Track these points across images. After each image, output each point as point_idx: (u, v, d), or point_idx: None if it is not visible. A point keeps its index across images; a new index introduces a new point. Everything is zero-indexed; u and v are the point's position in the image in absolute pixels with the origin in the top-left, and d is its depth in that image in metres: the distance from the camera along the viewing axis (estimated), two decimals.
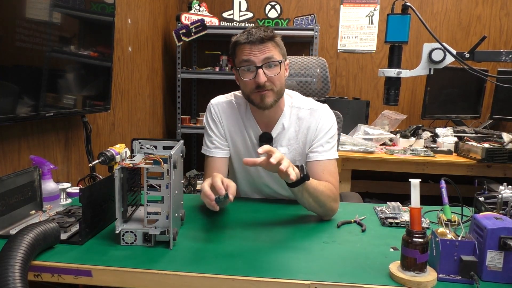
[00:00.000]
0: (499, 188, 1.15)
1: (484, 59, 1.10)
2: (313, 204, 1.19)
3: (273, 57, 1.24)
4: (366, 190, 3.14)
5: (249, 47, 1.23)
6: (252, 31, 1.24)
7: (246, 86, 1.28)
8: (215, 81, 3.24)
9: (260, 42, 1.22)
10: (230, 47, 1.30)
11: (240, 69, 1.26)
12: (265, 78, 1.22)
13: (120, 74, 2.24)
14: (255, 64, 1.23)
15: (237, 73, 1.29)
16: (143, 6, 2.57)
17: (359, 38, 3.23)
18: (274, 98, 1.26)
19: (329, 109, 1.39)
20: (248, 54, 1.23)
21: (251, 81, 1.24)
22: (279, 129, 1.35)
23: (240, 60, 1.25)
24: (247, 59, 1.23)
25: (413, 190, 0.86)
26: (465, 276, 0.84)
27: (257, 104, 1.27)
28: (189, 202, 1.36)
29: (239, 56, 1.26)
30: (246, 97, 1.31)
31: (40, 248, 0.91)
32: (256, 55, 1.22)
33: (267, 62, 1.23)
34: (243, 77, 1.26)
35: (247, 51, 1.23)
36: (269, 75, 1.23)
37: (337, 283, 0.85)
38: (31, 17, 1.30)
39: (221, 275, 0.87)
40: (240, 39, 1.24)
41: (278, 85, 1.26)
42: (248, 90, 1.27)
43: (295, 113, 1.36)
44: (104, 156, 1.27)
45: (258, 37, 1.22)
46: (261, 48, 1.22)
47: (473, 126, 2.90)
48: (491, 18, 3.12)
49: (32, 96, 1.36)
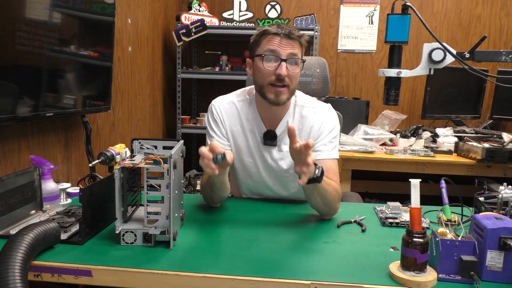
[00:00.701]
0: (499, 188, 1.15)
1: (484, 59, 1.10)
2: (320, 203, 1.19)
3: (298, 55, 1.25)
4: (366, 190, 3.14)
5: (279, 38, 1.23)
6: (282, 25, 1.25)
7: (264, 76, 1.26)
8: (215, 81, 3.24)
9: (290, 37, 1.23)
10: (254, 36, 1.29)
11: (265, 57, 1.24)
12: (287, 72, 1.23)
13: (120, 74, 2.24)
14: (281, 55, 1.23)
15: (257, 61, 1.27)
16: (143, 6, 2.57)
17: (359, 38, 3.23)
18: (287, 95, 1.27)
19: (333, 109, 1.40)
20: (277, 45, 1.23)
21: (271, 71, 1.23)
22: (284, 127, 1.35)
23: (265, 49, 1.24)
24: (274, 50, 1.23)
25: (413, 190, 0.86)
26: (465, 276, 0.84)
27: (270, 98, 1.26)
28: (189, 202, 1.36)
29: (264, 45, 1.25)
30: (260, 88, 1.29)
31: (40, 248, 0.91)
32: (284, 47, 1.23)
33: (292, 58, 1.24)
34: (264, 65, 1.24)
35: (276, 42, 1.23)
36: (290, 71, 1.24)
37: (337, 283, 0.85)
38: (31, 17, 1.30)
39: (221, 275, 0.87)
40: (271, 29, 1.25)
41: (294, 83, 1.27)
42: (265, 81, 1.26)
43: (299, 111, 1.36)
44: (104, 156, 1.27)
45: (289, 32, 1.23)
46: (289, 43, 1.23)
47: (473, 126, 2.90)
48: (491, 18, 3.12)
49: (32, 96, 1.36)
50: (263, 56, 1.24)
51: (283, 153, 1.36)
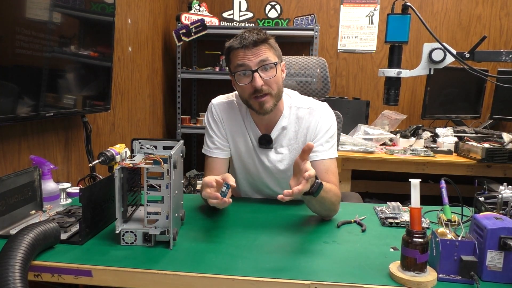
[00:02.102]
0: (499, 188, 1.15)
1: (484, 59, 1.10)
2: (319, 209, 1.19)
3: (268, 59, 1.22)
4: (366, 190, 3.14)
5: (243, 51, 1.21)
6: (244, 35, 1.22)
7: (243, 92, 1.26)
8: (215, 81, 3.24)
9: (254, 45, 1.20)
10: (224, 53, 1.29)
11: (236, 74, 1.24)
12: (262, 82, 1.21)
13: (120, 74, 2.24)
14: (250, 68, 1.21)
15: (233, 79, 1.28)
16: (143, 6, 2.57)
17: (359, 38, 3.23)
18: (273, 102, 1.25)
19: (329, 108, 1.38)
20: (242, 59, 1.21)
21: (248, 85, 1.23)
22: (279, 130, 1.35)
23: (235, 65, 1.23)
24: (242, 64, 1.21)
25: (413, 190, 0.86)
26: (465, 276, 0.84)
27: (257, 110, 1.26)
28: (189, 202, 1.36)
29: (233, 61, 1.24)
30: (245, 103, 1.30)
31: (40, 248, 0.91)
32: (250, 59, 1.21)
33: (262, 65, 1.21)
34: (239, 82, 1.24)
35: (241, 55, 1.21)
36: (265, 78, 1.22)
37: (337, 283, 0.85)
38: (31, 17, 1.30)
39: (221, 275, 0.87)
40: (233, 44, 1.23)
41: (275, 87, 1.25)
42: (246, 95, 1.26)
43: (294, 112, 1.35)
44: (104, 156, 1.27)
45: (251, 41, 1.20)
46: (255, 52, 1.20)
47: (473, 126, 2.90)
48: (491, 18, 3.12)
49: (32, 96, 1.36)
50: (234, 74, 1.25)
51: (282, 155, 1.36)
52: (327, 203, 1.17)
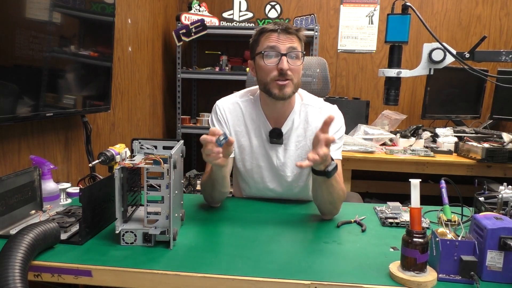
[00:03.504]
0: (499, 188, 1.15)
1: (484, 59, 1.10)
2: (326, 198, 1.19)
3: (297, 48, 1.25)
4: (366, 190, 3.14)
5: (277, 34, 1.25)
6: (278, 22, 1.27)
7: (266, 73, 1.26)
8: (215, 81, 3.23)
9: (287, 32, 1.25)
10: (254, 34, 1.31)
11: (265, 54, 1.25)
12: (288, 66, 1.23)
13: (120, 74, 2.24)
14: (280, 50, 1.24)
15: (258, 60, 1.28)
16: (143, 6, 2.57)
17: (359, 38, 3.23)
18: (292, 89, 1.27)
19: (339, 110, 1.40)
20: (275, 41, 1.24)
21: (273, 67, 1.24)
22: (289, 125, 1.35)
23: (265, 46, 1.26)
24: (273, 45, 1.24)
25: (413, 190, 0.86)
26: (465, 276, 0.84)
27: (275, 93, 1.26)
28: (189, 202, 1.36)
29: (263, 43, 1.27)
30: (264, 86, 1.29)
31: (40, 248, 0.91)
32: (282, 42, 1.24)
33: (291, 51, 1.24)
34: (266, 62, 1.25)
35: (274, 38, 1.25)
36: (291, 65, 1.24)
37: (337, 283, 0.85)
38: (31, 17, 1.30)
39: (221, 275, 0.87)
40: (267, 26, 1.26)
41: (297, 77, 1.27)
42: (268, 77, 1.26)
43: (305, 110, 1.37)
44: (104, 156, 1.27)
45: (286, 27, 1.25)
46: (287, 37, 1.25)
47: (473, 126, 2.90)
48: (491, 18, 3.12)
49: (32, 96, 1.36)
50: (263, 53, 1.25)
51: (289, 152, 1.36)
52: (334, 194, 1.18)
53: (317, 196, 1.22)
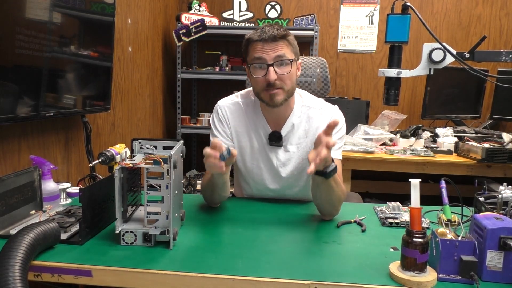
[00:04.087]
0: (499, 188, 1.15)
1: (484, 59, 1.10)
2: (324, 199, 1.19)
3: (285, 55, 1.24)
4: (366, 190, 3.14)
5: (261, 44, 1.23)
6: (265, 29, 1.24)
7: (256, 84, 1.28)
8: (215, 81, 3.23)
9: (273, 40, 1.23)
10: (243, 44, 1.31)
11: (251, 66, 1.26)
12: (276, 76, 1.23)
13: (120, 74, 2.24)
14: (266, 61, 1.23)
15: (248, 70, 1.29)
16: (143, 6, 2.57)
17: (359, 38, 3.23)
18: (284, 96, 1.27)
19: (339, 111, 1.40)
20: (260, 52, 1.23)
21: (262, 78, 1.25)
22: (289, 127, 1.35)
23: (252, 58, 1.26)
24: (259, 57, 1.24)
25: (413, 190, 0.86)
26: (465, 276, 0.84)
27: (267, 102, 1.28)
28: (189, 202, 1.36)
29: (251, 53, 1.27)
30: (256, 95, 1.32)
31: (40, 248, 0.91)
32: (267, 53, 1.23)
33: (278, 60, 1.23)
34: (254, 74, 1.26)
35: (259, 48, 1.24)
36: (279, 73, 1.24)
37: (337, 283, 0.85)
38: (31, 17, 1.30)
39: (221, 275, 0.87)
40: (253, 36, 1.25)
41: (288, 84, 1.27)
42: (258, 87, 1.28)
43: (306, 112, 1.36)
44: (104, 156, 1.27)
45: (270, 35, 1.22)
46: (273, 47, 1.23)
47: (473, 126, 2.90)
48: (491, 18, 3.12)
49: (32, 96, 1.36)
50: (249, 66, 1.27)
51: (289, 153, 1.36)
52: (333, 196, 1.17)
53: (316, 196, 1.21)
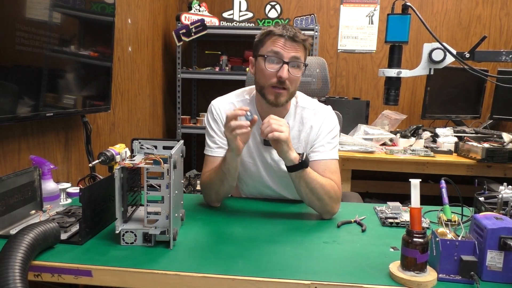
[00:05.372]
0: (499, 188, 1.15)
1: (484, 59, 1.10)
2: (310, 195, 1.19)
3: (300, 59, 1.24)
4: (366, 190, 3.14)
5: (283, 40, 1.23)
6: (287, 27, 1.24)
7: (265, 77, 1.25)
8: (215, 81, 3.24)
9: (294, 40, 1.23)
10: (259, 35, 1.29)
11: (267, 58, 1.24)
12: (287, 75, 1.22)
13: (120, 74, 2.24)
14: (284, 58, 1.22)
15: (259, 61, 1.27)
16: (143, 6, 2.57)
17: (359, 38, 3.23)
18: (286, 98, 1.27)
19: (333, 111, 1.40)
20: (280, 47, 1.23)
21: (273, 73, 1.23)
22: None
23: (269, 50, 1.24)
24: (277, 51, 1.23)
25: (413, 190, 0.86)
26: (465, 276, 0.84)
27: (269, 99, 1.26)
28: (189, 202, 1.36)
29: (268, 45, 1.25)
30: (260, 88, 1.29)
31: (40, 248, 0.91)
32: (287, 50, 1.22)
33: (294, 61, 1.23)
34: (267, 67, 1.24)
35: (280, 43, 1.23)
36: (291, 74, 1.23)
37: (337, 283, 0.85)
38: (31, 17, 1.30)
39: (221, 275, 0.87)
40: (276, 30, 1.24)
41: (294, 87, 1.27)
42: (266, 82, 1.25)
43: (300, 112, 1.36)
44: (104, 156, 1.27)
45: (294, 34, 1.22)
46: (293, 46, 1.23)
47: (473, 126, 2.90)
48: (491, 18, 3.12)
49: (32, 96, 1.36)
50: (265, 57, 1.24)
51: None
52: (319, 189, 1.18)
53: (301, 195, 1.22)
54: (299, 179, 1.17)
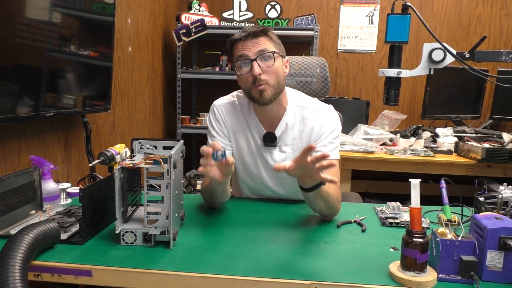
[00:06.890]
0: (499, 188, 1.15)
1: (484, 59, 1.10)
2: (323, 207, 1.18)
3: (267, 49, 1.25)
4: (366, 190, 3.14)
5: (243, 42, 1.26)
6: (245, 28, 1.28)
7: (244, 82, 1.29)
8: (215, 81, 3.23)
9: (253, 36, 1.25)
10: (227, 48, 1.33)
11: (236, 64, 1.28)
12: (260, 71, 1.24)
13: (120, 74, 2.24)
14: (249, 57, 1.24)
15: (235, 71, 1.31)
16: (143, 6, 2.57)
17: (359, 38, 3.23)
18: (271, 91, 1.27)
19: (334, 110, 1.40)
20: (242, 49, 1.26)
21: (247, 75, 1.26)
22: (283, 128, 1.35)
23: (236, 57, 1.28)
24: (241, 54, 1.26)
25: (413, 190, 0.86)
26: (465, 276, 0.84)
27: (257, 99, 1.27)
28: (189, 202, 1.36)
29: (235, 53, 1.29)
30: (247, 94, 1.32)
31: (40, 248, 0.91)
32: (249, 48, 1.25)
33: (260, 55, 1.24)
34: (239, 72, 1.28)
35: (241, 46, 1.26)
36: (263, 67, 1.25)
37: (337, 283, 0.85)
38: (31, 17, 1.30)
39: (221, 275, 0.87)
40: (235, 36, 1.28)
41: (274, 78, 1.26)
42: (247, 85, 1.28)
43: (300, 112, 1.36)
44: (104, 156, 1.27)
45: (250, 32, 1.25)
46: (254, 42, 1.25)
47: (473, 126, 2.90)
48: (491, 18, 3.12)
49: (32, 96, 1.36)
50: (234, 64, 1.29)
51: (285, 154, 1.36)
52: (331, 200, 1.16)
53: (314, 207, 1.20)
54: (315, 196, 1.13)
